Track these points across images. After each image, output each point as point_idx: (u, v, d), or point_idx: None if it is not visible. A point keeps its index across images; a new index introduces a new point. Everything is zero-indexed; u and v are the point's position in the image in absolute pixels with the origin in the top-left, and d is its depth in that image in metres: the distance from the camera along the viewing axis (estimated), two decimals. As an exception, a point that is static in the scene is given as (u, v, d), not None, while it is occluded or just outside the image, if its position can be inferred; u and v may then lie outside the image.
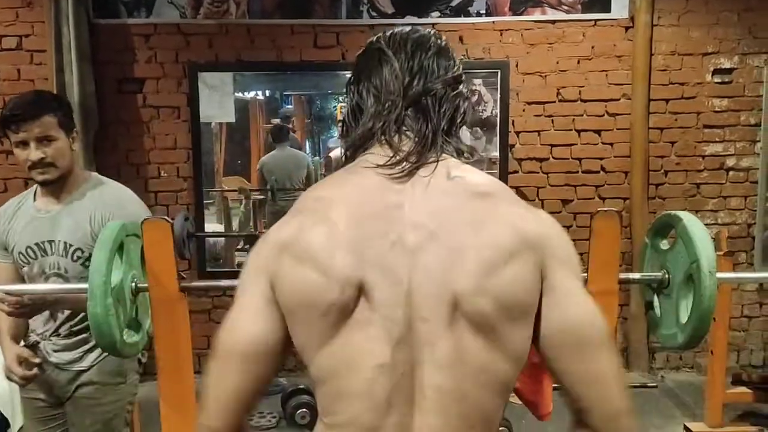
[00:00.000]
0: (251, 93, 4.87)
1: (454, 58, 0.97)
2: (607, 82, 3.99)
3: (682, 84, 3.99)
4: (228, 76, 4.02)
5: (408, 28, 0.98)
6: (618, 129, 4.02)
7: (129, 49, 3.92)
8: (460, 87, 0.96)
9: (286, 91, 4.96)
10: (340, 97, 4.89)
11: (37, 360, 1.85)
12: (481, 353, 0.84)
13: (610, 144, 4.04)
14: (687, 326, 1.49)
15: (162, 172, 4.02)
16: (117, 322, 1.45)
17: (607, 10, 3.95)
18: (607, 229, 1.53)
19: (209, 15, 3.91)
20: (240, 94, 4.44)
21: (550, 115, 4.02)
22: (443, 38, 0.98)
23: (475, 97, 3.99)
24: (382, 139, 0.92)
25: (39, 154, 1.81)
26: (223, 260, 4.46)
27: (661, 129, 4.03)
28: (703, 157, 4.06)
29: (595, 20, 3.96)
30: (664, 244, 1.63)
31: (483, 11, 3.95)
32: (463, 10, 3.95)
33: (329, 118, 5.39)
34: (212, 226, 4.35)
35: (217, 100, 4.00)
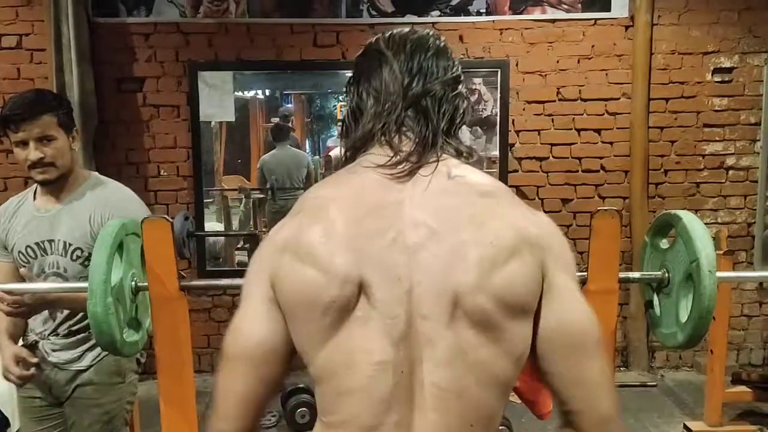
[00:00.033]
0: (251, 92, 4.87)
1: (453, 58, 0.97)
2: (607, 81, 3.99)
3: (682, 83, 3.99)
4: (228, 75, 4.02)
5: (407, 29, 0.99)
6: (618, 128, 4.02)
7: (129, 48, 3.92)
8: (459, 87, 0.96)
9: (285, 90, 4.96)
10: (340, 96, 4.89)
11: (34, 360, 1.84)
12: (482, 351, 0.84)
13: (610, 143, 4.04)
14: (687, 325, 1.49)
15: (162, 171, 4.01)
16: (117, 321, 1.45)
17: (607, 9, 3.95)
18: (607, 228, 1.54)
19: (209, 14, 3.91)
20: (240, 93, 4.44)
21: (550, 115, 4.02)
22: (442, 39, 0.98)
23: (475, 97, 3.99)
24: (382, 140, 0.92)
25: (38, 154, 1.80)
26: (223, 259, 4.47)
27: (661, 128, 4.03)
28: (703, 156, 4.06)
29: (595, 19, 3.96)
30: (664, 243, 1.63)
31: (483, 10, 3.94)
32: (463, 9, 3.95)
33: (329, 117, 5.40)
34: (212, 225, 4.35)
35: (217, 99, 3.99)
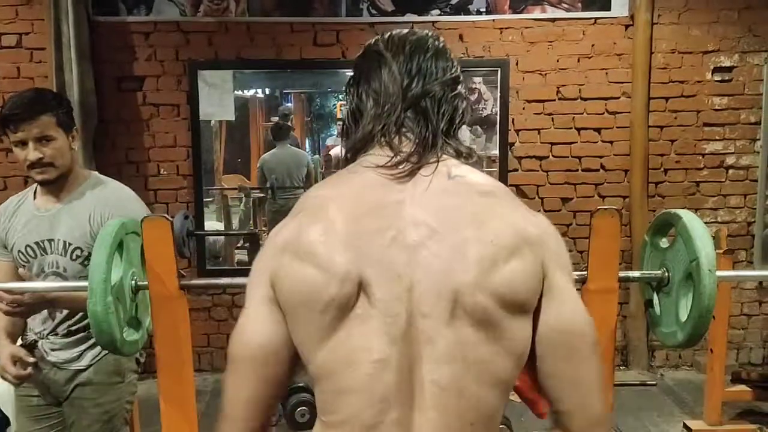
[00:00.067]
0: (251, 91, 4.87)
1: (452, 59, 0.97)
2: (607, 81, 3.99)
3: (682, 82, 3.99)
4: (228, 74, 4.02)
5: (406, 30, 0.99)
6: (618, 127, 4.02)
7: (129, 47, 3.92)
8: (459, 88, 0.97)
9: (285, 89, 4.96)
10: (340, 95, 4.89)
11: (31, 359, 1.83)
12: (482, 349, 0.85)
13: (610, 142, 4.04)
14: (686, 324, 1.49)
15: (162, 170, 4.01)
16: (117, 320, 1.45)
17: (607, 8, 3.94)
18: (607, 228, 1.54)
19: (209, 13, 3.91)
20: (240, 92, 4.44)
21: (550, 114, 4.01)
22: (441, 40, 0.99)
23: (475, 96, 3.99)
24: (383, 141, 0.93)
25: (37, 155, 1.79)
26: (222, 258, 4.47)
27: (661, 127, 4.03)
28: (703, 155, 4.05)
29: (595, 18, 3.95)
30: (664, 243, 1.63)
31: (483, 9, 3.94)
32: (463, 8, 3.94)
33: (329, 116, 5.40)
34: (212, 224, 4.36)
35: (217, 98, 3.99)
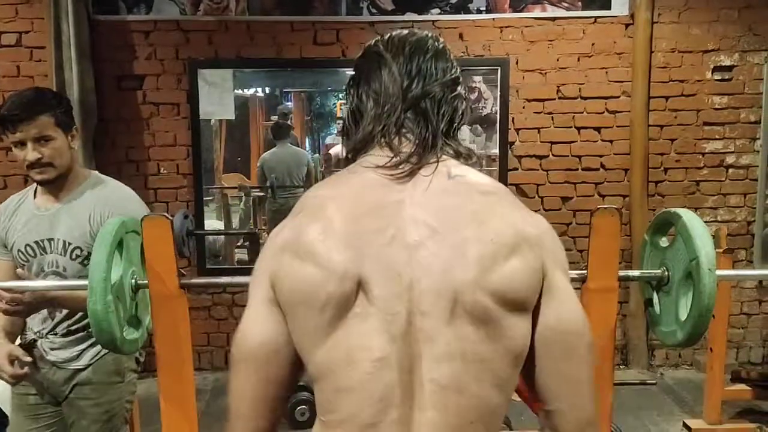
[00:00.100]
0: (251, 90, 4.87)
1: (452, 60, 0.98)
2: (607, 80, 3.99)
3: (682, 81, 3.99)
4: (228, 73, 4.02)
5: (406, 31, 0.99)
6: (618, 126, 4.02)
7: (129, 46, 3.92)
8: (458, 89, 0.97)
9: (285, 88, 4.97)
10: (340, 94, 4.89)
11: (28, 359, 1.82)
12: (482, 348, 0.85)
13: (610, 141, 4.04)
14: (686, 323, 1.49)
15: (162, 169, 4.01)
16: (117, 319, 1.45)
17: (608, 7, 3.94)
18: (607, 227, 1.54)
19: (209, 12, 3.91)
20: (240, 91, 4.44)
21: (550, 113, 4.01)
22: (441, 40, 0.99)
23: (475, 95, 3.99)
24: (383, 142, 0.93)
25: (36, 155, 1.78)
26: (222, 257, 4.47)
27: (661, 126, 4.03)
28: (703, 154, 4.05)
29: (596, 17, 3.95)
30: (664, 242, 1.63)
31: (483, 8, 3.94)
32: (463, 6, 3.94)
33: (329, 114, 5.40)
34: (212, 223, 4.36)
35: (217, 97, 3.99)
